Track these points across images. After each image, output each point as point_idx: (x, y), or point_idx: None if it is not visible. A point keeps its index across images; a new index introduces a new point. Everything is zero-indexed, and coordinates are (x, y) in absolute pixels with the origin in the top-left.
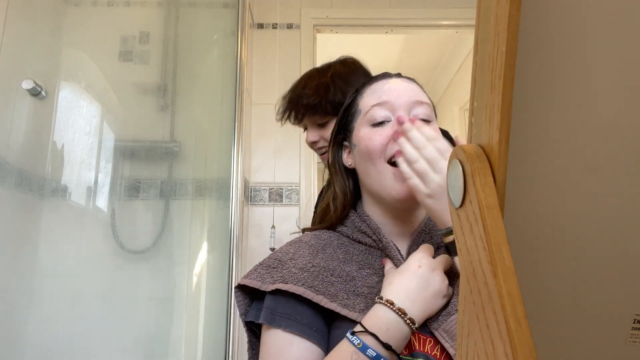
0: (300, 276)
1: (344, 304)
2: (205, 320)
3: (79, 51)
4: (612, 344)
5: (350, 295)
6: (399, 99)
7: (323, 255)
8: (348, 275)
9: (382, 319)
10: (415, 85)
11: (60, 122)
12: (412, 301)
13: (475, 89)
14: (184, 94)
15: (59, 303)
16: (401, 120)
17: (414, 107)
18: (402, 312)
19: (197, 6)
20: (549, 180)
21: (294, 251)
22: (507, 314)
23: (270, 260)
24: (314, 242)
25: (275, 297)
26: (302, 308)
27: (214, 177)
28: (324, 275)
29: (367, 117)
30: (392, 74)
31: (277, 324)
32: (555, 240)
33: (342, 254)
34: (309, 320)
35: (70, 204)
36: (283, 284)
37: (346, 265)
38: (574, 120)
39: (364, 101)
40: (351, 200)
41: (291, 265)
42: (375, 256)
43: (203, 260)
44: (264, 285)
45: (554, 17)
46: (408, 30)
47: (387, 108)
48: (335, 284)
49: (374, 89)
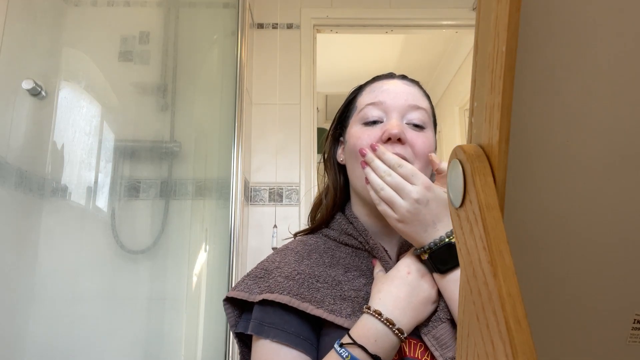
0: (286, 285)
1: (330, 310)
2: (205, 320)
3: (79, 51)
4: (612, 344)
5: (337, 300)
6: (395, 101)
7: (309, 261)
8: (334, 280)
9: (371, 330)
10: (417, 89)
11: (60, 122)
12: (401, 310)
13: (475, 89)
14: (184, 94)
15: (59, 303)
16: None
17: (409, 112)
18: (390, 323)
19: (197, 6)
20: (549, 180)
21: (279, 259)
22: (507, 314)
23: (257, 271)
24: (300, 249)
25: (262, 307)
26: (289, 317)
27: (214, 177)
28: (310, 282)
29: (360, 115)
30: (396, 74)
31: (265, 335)
32: (555, 240)
33: (328, 259)
34: (296, 329)
35: (70, 204)
36: (269, 293)
37: (332, 269)
38: (574, 120)
39: (362, 99)
40: (341, 197)
41: (277, 274)
42: (362, 258)
43: (203, 260)
44: (251, 297)
45: (554, 17)
46: (408, 30)
47: (381, 109)
48: (321, 290)
49: (373, 88)
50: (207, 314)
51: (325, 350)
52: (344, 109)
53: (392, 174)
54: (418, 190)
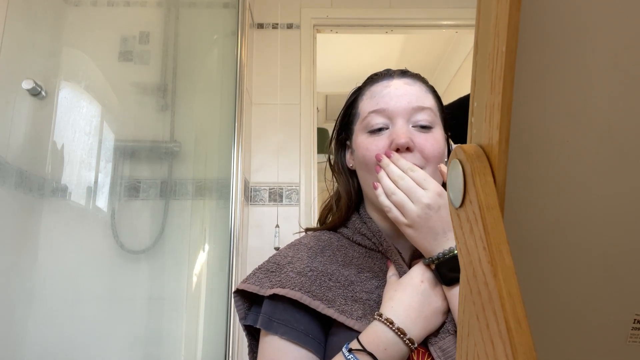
0: (298, 281)
1: (341, 310)
2: (205, 320)
3: (79, 51)
4: (612, 344)
5: (349, 301)
6: (398, 106)
7: (322, 258)
8: (347, 280)
9: (381, 338)
10: (419, 86)
11: (60, 122)
12: (412, 320)
13: (475, 89)
14: (184, 94)
15: (59, 303)
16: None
17: (414, 114)
18: (401, 332)
19: (197, 6)
20: (549, 180)
21: (292, 254)
22: (507, 314)
23: (269, 264)
24: (313, 244)
25: (273, 302)
26: (299, 314)
27: (214, 177)
28: (322, 279)
29: (364, 124)
30: (394, 72)
31: (274, 331)
32: (555, 240)
33: (342, 257)
34: (306, 327)
35: (70, 204)
36: (280, 288)
37: (345, 269)
38: (574, 120)
39: (363, 105)
40: (355, 201)
41: (289, 270)
42: (375, 259)
43: (203, 260)
44: (262, 290)
45: (554, 17)
46: (408, 30)
47: (385, 115)
48: (333, 289)
49: (373, 92)
50: (207, 314)
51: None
52: (345, 114)
53: (405, 177)
54: (429, 195)
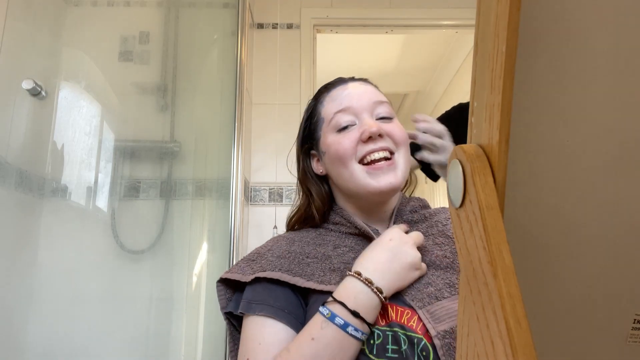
0: (277, 263)
1: (320, 281)
2: (205, 320)
3: (79, 51)
4: (612, 344)
5: (326, 272)
6: (361, 102)
7: (300, 243)
8: (323, 255)
9: (350, 289)
10: (371, 86)
11: (60, 122)
12: (380, 272)
13: (475, 89)
14: (184, 94)
15: (59, 303)
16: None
17: (376, 108)
18: (369, 282)
19: (197, 6)
20: (549, 180)
21: (272, 244)
22: (507, 314)
23: (251, 255)
24: (291, 236)
25: (253, 287)
26: (277, 292)
27: (214, 177)
28: (300, 258)
29: (332, 124)
30: (346, 78)
31: (252, 311)
32: (555, 240)
33: (320, 240)
34: (282, 304)
35: (70, 204)
36: (262, 272)
37: (321, 247)
38: (574, 120)
39: (326, 109)
40: (329, 203)
41: (269, 255)
42: (351, 239)
43: (203, 260)
44: (244, 277)
45: (554, 17)
46: (408, 30)
47: (350, 113)
48: (311, 264)
49: (333, 97)
50: (207, 314)
51: None
52: (307, 124)
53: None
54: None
